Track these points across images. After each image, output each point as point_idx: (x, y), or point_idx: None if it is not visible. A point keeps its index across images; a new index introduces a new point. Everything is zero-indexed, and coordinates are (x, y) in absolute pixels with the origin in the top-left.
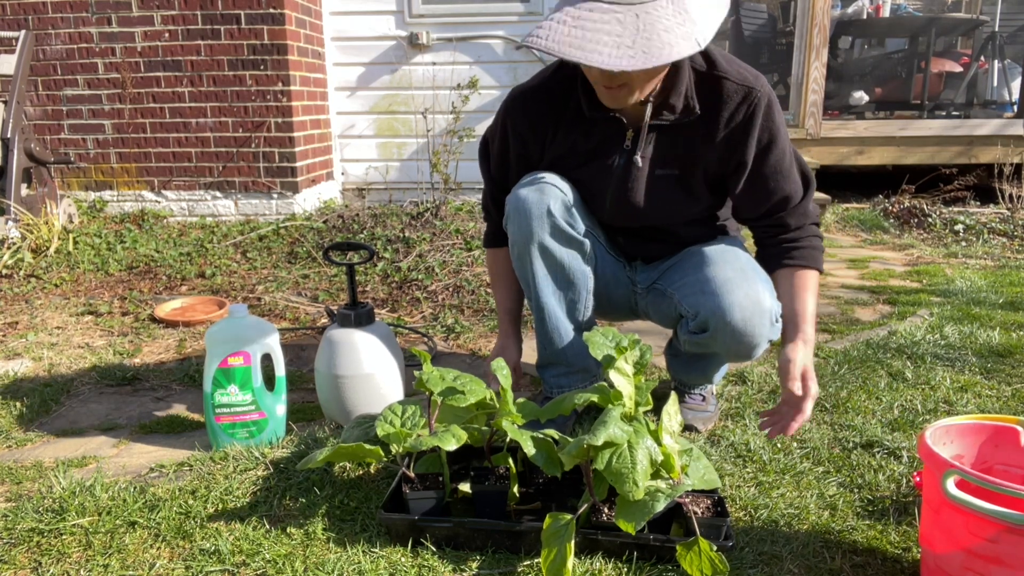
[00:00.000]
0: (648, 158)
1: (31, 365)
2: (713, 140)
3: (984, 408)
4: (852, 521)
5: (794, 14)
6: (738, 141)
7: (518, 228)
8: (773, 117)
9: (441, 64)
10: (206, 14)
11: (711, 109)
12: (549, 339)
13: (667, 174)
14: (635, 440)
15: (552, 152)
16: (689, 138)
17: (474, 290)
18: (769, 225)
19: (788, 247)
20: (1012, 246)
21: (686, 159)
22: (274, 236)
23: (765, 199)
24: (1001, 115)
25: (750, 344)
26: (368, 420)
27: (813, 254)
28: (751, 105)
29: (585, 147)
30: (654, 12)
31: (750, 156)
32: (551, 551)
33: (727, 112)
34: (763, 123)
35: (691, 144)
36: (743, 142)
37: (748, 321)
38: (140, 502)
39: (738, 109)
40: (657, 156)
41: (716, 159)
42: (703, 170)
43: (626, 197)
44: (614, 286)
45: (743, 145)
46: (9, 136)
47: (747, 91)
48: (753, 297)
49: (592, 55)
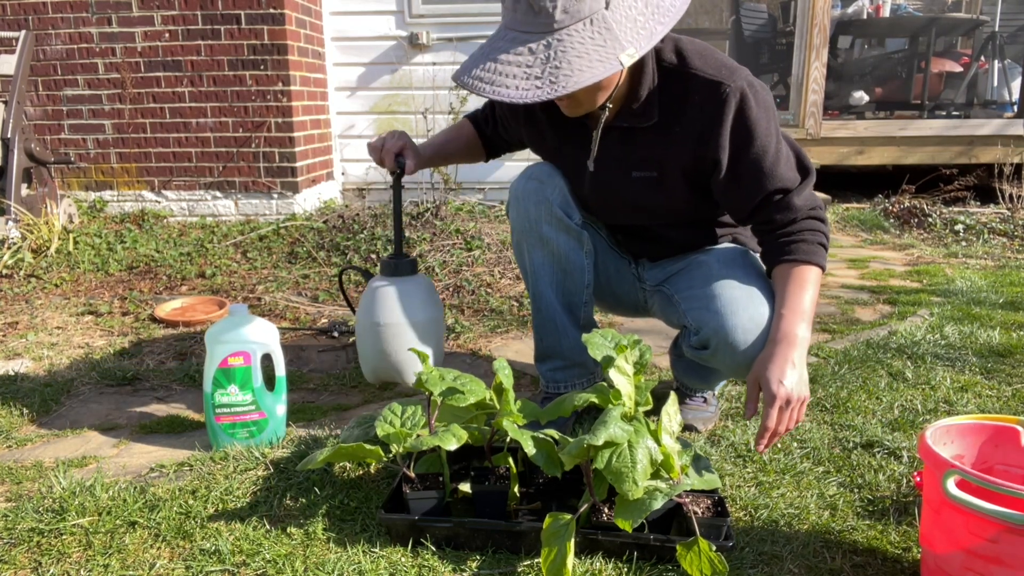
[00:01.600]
0: (618, 160)
1: (31, 365)
2: (684, 139)
3: (984, 408)
4: (852, 521)
5: (794, 14)
6: (708, 138)
7: (517, 215)
8: (747, 113)
9: (441, 64)
10: (206, 14)
11: (678, 107)
12: (545, 330)
13: (644, 176)
14: (635, 440)
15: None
16: (659, 139)
17: (474, 290)
18: (760, 222)
19: (783, 242)
20: (1012, 246)
21: (661, 160)
22: (274, 236)
23: (748, 199)
24: (1001, 115)
25: (751, 366)
26: (368, 420)
27: (808, 247)
28: (720, 101)
29: (555, 143)
30: (567, 39)
31: (724, 154)
32: (551, 551)
33: (694, 109)
34: (736, 119)
35: (662, 144)
36: (714, 139)
37: (751, 344)
38: (140, 502)
39: (705, 105)
40: (629, 158)
41: (691, 158)
42: (681, 171)
43: (603, 197)
44: (618, 281)
45: (714, 143)
46: (9, 136)
47: (715, 85)
48: (758, 320)
49: (500, 89)
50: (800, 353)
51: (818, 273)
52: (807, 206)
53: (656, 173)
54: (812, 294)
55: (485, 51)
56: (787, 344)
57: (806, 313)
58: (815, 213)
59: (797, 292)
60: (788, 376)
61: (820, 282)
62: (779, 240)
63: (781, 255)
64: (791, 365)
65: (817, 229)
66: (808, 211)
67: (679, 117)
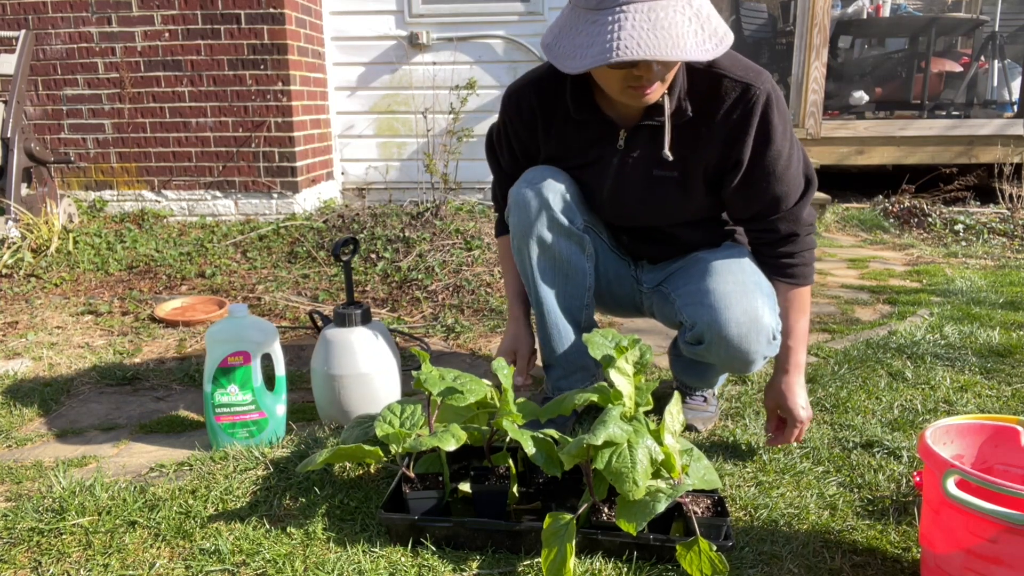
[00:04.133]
0: (643, 159)
1: (31, 365)
2: (712, 138)
3: (984, 408)
4: (852, 521)
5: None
6: (736, 139)
7: (517, 221)
8: (770, 116)
9: (441, 64)
10: (206, 14)
11: (708, 107)
12: (548, 335)
13: (665, 175)
14: (635, 439)
15: (548, 150)
16: (687, 137)
17: (474, 290)
18: (760, 229)
19: (785, 263)
20: (1012, 246)
21: (686, 159)
22: (274, 236)
23: (755, 200)
24: (1001, 115)
25: (745, 360)
26: (368, 420)
27: (806, 271)
28: (749, 102)
29: (578, 147)
30: (697, 3)
31: (746, 154)
32: (551, 551)
33: (724, 109)
34: (760, 121)
35: (690, 144)
36: (741, 140)
37: (744, 338)
38: (140, 502)
39: (735, 106)
40: (654, 157)
41: (716, 157)
42: (703, 170)
43: (622, 198)
44: (617, 284)
45: (741, 143)
46: (9, 136)
47: (745, 87)
48: (751, 314)
49: (682, 51)
50: (803, 377)
51: (811, 289)
52: (807, 220)
53: (677, 172)
54: (808, 315)
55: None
56: (797, 372)
57: (806, 338)
58: (813, 228)
59: (800, 319)
60: (805, 401)
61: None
62: (781, 260)
63: (783, 275)
64: (803, 390)
65: (812, 247)
66: (807, 226)
67: (710, 117)
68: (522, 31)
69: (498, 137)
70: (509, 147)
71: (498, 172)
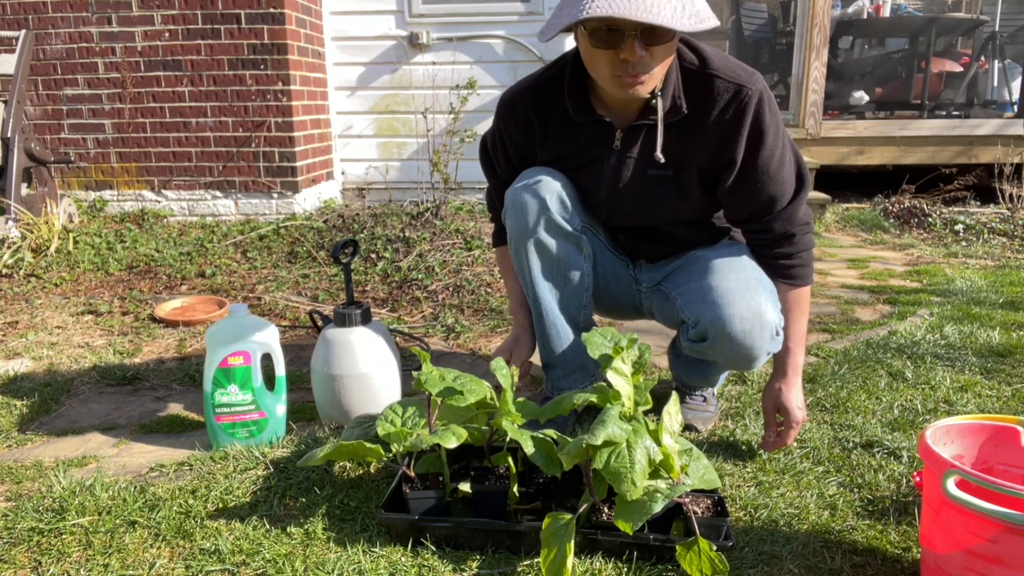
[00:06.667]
0: (639, 159)
1: (31, 365)
2: (705, 138)
3: (984, 408)
4: (852, 521)
5: (794, 14)
6: (729, 138)
7: (514, 222)
8: (762, 116)
9: (441, 64)
10: (206, 14)
11: (702, 107)
12: (546, 336)
13: (660, 175)
14: (634, 439)
15: (545, 153)
16: (681, 137)
17: (474, 290)
18: (757, 231)
19: (783, 263)
20: (1012, 246)
21: (680, 159)
22: (274, 236)
23: (750, 200)
24: (1001, 115)
25: (749, 356)
26: (368, 419)
27: (805, 271)
28: (741, 103)
29: (575, 149)
30: None
31: (739, 154)
32: (551, 551)
33: (717, 110)
34: (753, 121)
35: (683, 143)
36: (734, 139)
37: (748, 334)
38: (140, 502)
39: (728, 107)
40: (650, 156)
41: (709, 157)
42: (697, 169)
43: (619, 198)
44: (616, 284)
45: (734, 142)
46: (9, 136)
47: (737, 88)
48: (755, 310)
49: (655, 15)
50: (801, 379)
51: (810, 290)
52: (802, 220)
53: (672, 172)
54: (808, 315)
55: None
56: (795, 374)
57: (805, 339)
58: (810, 228)
59: (799, 320)
60: (802, 402)
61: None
62: (779, 261)
63: (782, 276)
64: (800, 391)
65: (811, 247)
66: (802, 225)
67: (704, 117)
68: (522, 31)
69: (493, 144)
70: (505, 153)
71: (494, 179)
